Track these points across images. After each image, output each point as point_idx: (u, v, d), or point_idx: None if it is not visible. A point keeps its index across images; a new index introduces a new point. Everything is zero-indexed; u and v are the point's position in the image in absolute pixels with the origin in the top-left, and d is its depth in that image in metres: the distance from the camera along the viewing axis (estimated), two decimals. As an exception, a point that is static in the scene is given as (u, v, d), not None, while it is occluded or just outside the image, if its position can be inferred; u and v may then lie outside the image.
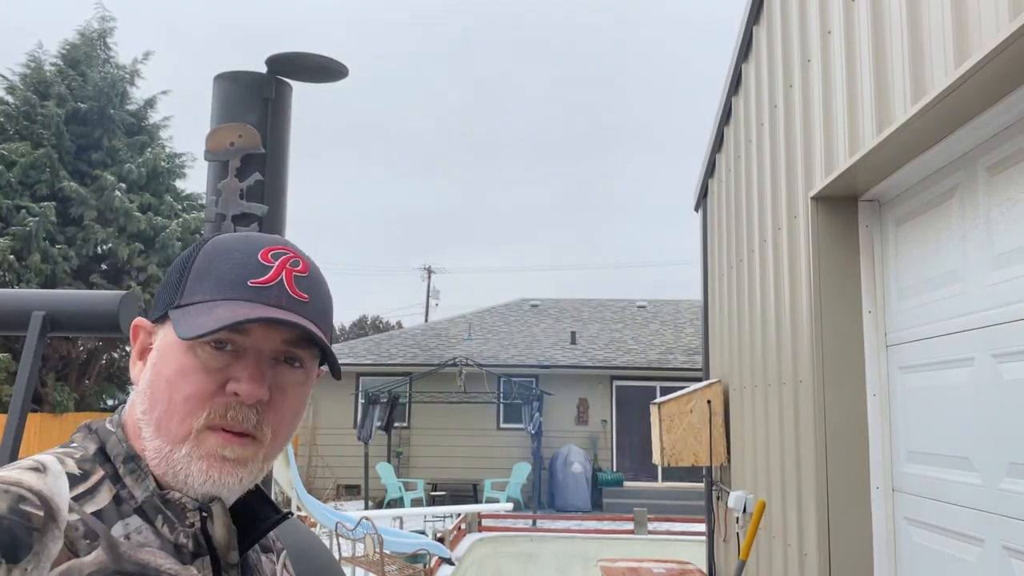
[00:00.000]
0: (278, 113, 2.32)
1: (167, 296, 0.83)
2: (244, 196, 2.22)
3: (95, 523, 0.73)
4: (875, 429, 3.22)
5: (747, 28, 4.70)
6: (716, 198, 5.82)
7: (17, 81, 14.59)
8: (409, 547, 8.00)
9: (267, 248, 0.83)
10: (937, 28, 2.32)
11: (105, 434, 0.81)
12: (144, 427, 0.79)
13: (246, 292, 0.80)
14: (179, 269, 0.84)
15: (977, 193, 2.58)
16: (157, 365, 0.80)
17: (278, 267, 0.82)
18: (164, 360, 0.80)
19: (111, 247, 14.14)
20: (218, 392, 0.78)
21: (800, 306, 3.60)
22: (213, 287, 0.80)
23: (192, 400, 0.77)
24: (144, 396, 0.80)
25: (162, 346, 0.81)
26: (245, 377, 0.78)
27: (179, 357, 0.79)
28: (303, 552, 2.04)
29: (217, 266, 0.82)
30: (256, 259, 0.82)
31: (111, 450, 0.79)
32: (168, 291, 0.83)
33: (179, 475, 0.78)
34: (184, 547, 0.78)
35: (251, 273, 0.81)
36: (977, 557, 2.55)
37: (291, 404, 0.82)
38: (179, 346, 0.79)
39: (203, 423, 0.78)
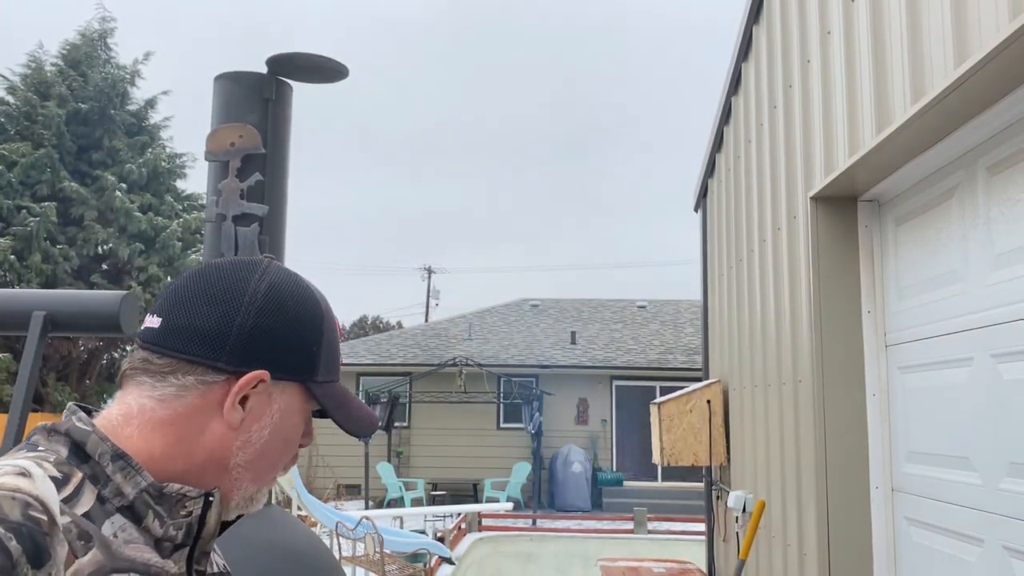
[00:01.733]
0: (278, 113, 2.32)
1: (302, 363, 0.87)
2: (244, 196, 2.22)
3: (86, 524, 0.74)
4: (875, 429, 3.22)
5: (747, 28, 4.71)
6: (716, 198, 5.83)
7: (18, 81, 14.59)
8: (409, 547, 8.00)
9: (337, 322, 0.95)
10: (937, 28, 2.32)
11: (80, 434, 0.80)
12: (243, 474, 0.85)
13: (339, 373, 0.94)
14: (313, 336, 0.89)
15: (977, 193, 2.58)
16: (280, 425, 0.86)
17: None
18: (287, 424, 0.87)
19: (112, 247, 14.15)
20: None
21: (800, 306, 3.60)
22: (332, 368, 0.91)
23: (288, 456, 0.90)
24: (253, 449, 0.85)
25: (287, 410, 0.87)
26: (311, 434, 0.92)
27: (299, 423, 0.89)
28: (304, 552, 2.05)
29: (332, 346, 0.91)
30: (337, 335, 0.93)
31: (92, 449, 0.79)
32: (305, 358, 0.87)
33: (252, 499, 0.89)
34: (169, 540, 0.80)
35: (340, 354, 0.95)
36: (977, 557, 2.56)
37: None
38: (301, 414, 0.88)
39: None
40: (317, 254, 66.12)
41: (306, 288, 0.91)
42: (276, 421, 0.86)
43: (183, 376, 0.83)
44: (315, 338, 0.88)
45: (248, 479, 0.85)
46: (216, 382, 0.83)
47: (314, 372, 0.87)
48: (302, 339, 0.87)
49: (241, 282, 0.86)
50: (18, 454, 0.78)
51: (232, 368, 0.83)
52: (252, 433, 0.84)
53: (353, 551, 8.12)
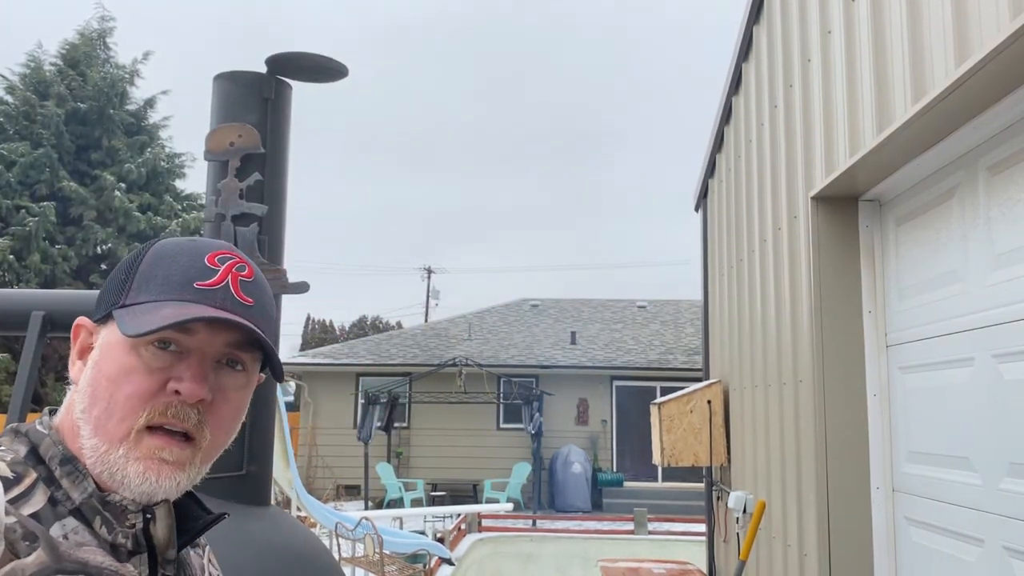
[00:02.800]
0: (278, 113, 2.32)
1: (111, 297, 0.83)
2: (244, 196, 2.21)
3: (33, 524, 0.73)
4: (875, 429, 3.22)
5: (747, 28, 4.70)
6: (716, 198, 5.82)
7: (17, 81, 14.59)
8: (409, 547, 7.99)
9: (213, 252, 0.84)
10: (937, 28, 2.31)
11: (37, 436, 0.80)
12: (83, 425, 0.79)
13: (192, 293, 0.81)
14: (124, 271, 0.85)
15: (977, 193, 2.58)
16: (99, 364, 0.80)
17: (224, 271, 0.84)
18: (106, 359, 0.80)
19: (111, 247, 14.14)
20: (159, 392, 0.79)
21: (800, 306, 3.60)
22: (159, 288, 0.81)
23: (133, 399, 0.78)
24: (84, 395, 0.80)
25: (104, 345, 0.81)
26: (188, 376, 0.79)
27: (122, 356, 0.79)
28: (303, 553, 2.04)
29: (163, 268, 0.83)
30: (202, 262, 0.83)
31: (45, 452, 0.79)
32: (112, 292, 0.84)
33: (115, 476, 0.78)
34: (122, 546, 0.79)
35: (197, 275, 0.82)
36: (977, 557, 2.55)
37: (231, 407, 0.83)
38: (122, 345, 0.79)
39: (143, 422, 0.78)
40: (317, 254, 66.13)
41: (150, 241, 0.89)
42: (96, 358, 0.81)
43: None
44: (124, 270, 0.84)
45: (88, 432, 0.79)
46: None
47: (119, 300, 0.82)
48: (113, 277, 0.86)
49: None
50: None
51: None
52: (81, 379, 0.82)
53: (353, 552, 8.12)
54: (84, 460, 0.79)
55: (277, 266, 2.26)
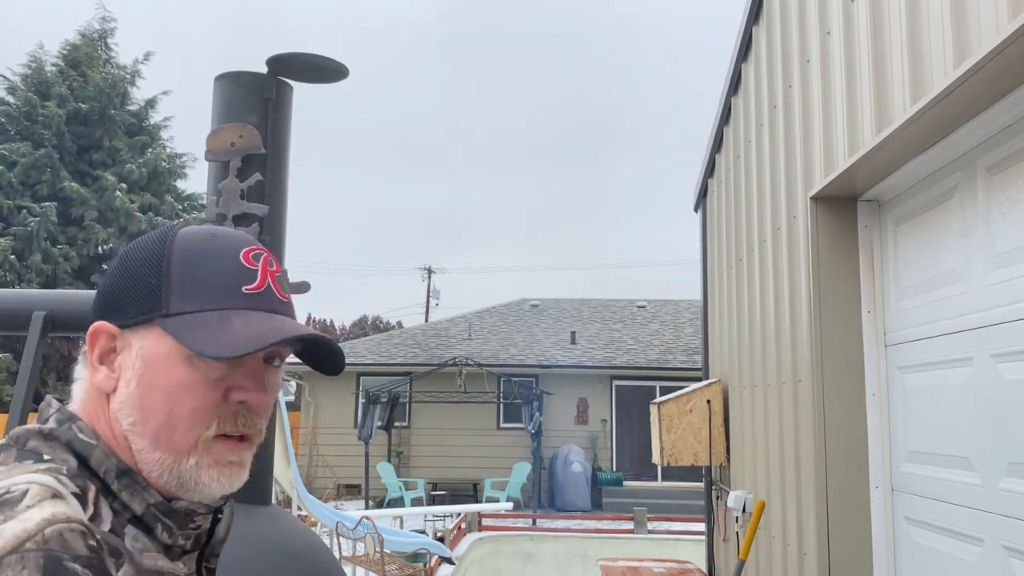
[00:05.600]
0: (279, 113, 2.32)
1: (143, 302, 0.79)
2: (245, 196, 2.22)
3: (114, 540, 0.72)
4: (874, 429, 3.22)
5: (747, 28, 4.71)
6: (716, 198, 5.83)
7: (18, 82, 14.60)
8: (409, 546, 8.00)
9: (246, 250, 0.83)
10: (936, 28, 2.32)
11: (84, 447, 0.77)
12: (136, 439, 0.77)
13: (243, 300, 0.80)
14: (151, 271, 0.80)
15: (977, 193, 2.59)
16: (147, 376, 0.77)
17: (263, 270, 0.82)
18: (156, 372, 0.77)
19: (112, 247, 14.14)
20: (222, 402, 0.78)
21: (799, 306, 3.60)
22: (207, 295, 0.79)
23: (199, 413, 0.77)
24: (132, 408, 0.78)
25: (149, 357, 0.78)
26: (252, 387, 0.79)
27: (176, 369, 0.77)
28: (304, 552, 2.05)
29: (202, 270, 0.80)
30: (240, 262, 0.81)
31: (97, 465, 0.76)
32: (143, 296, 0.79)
33: (187, 484, 0.77)
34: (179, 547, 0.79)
35: (241, 279, 0.80)
36: (977, 557, 2.56)
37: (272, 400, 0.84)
38: (175, 357, 0.77)
39: (212, 433, 0.77)
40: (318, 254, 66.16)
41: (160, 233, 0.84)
42: (139, 370, 0.78)
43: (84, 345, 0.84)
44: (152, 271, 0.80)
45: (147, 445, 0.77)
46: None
47: (160, 306, 0.78)
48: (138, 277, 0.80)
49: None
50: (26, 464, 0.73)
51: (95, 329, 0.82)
52: (121, 391, 0.79)
53: (353, 551, 8.12)
54: (144, 472, 0.78)
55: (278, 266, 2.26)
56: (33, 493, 0.67)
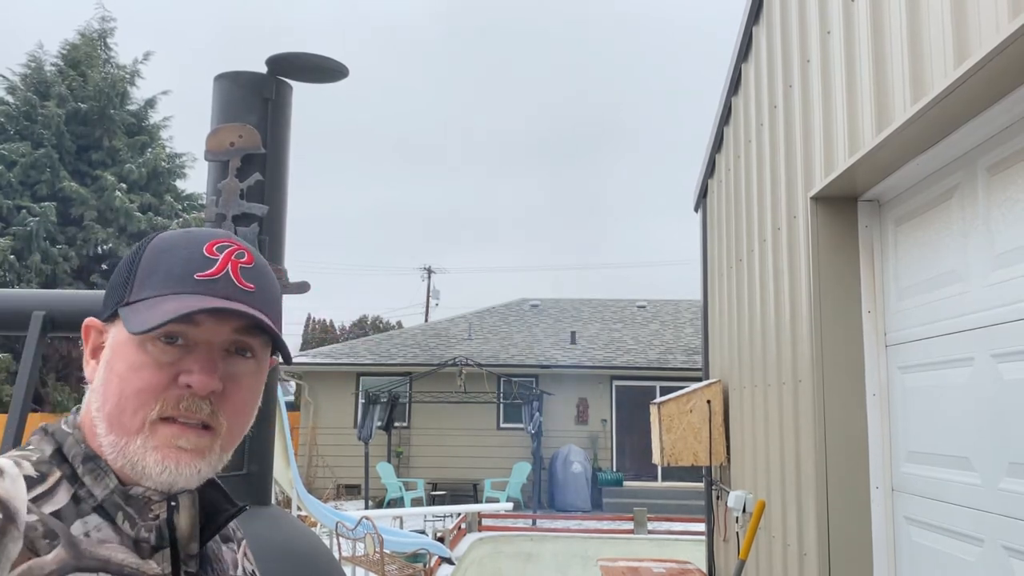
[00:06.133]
0: (278, 113, 2.32)
1: (115, 295, 0.84)
2: (244, 196, 2.22)
3: (54, 523, 0.75)
4: (875, 429, 3.22)
5: (747, 28, 4.71)
6: (716, 198, 5.83)
7: (18, 81, 14.60)
8: (409, 547, 8.00)
9: (211, 242, 0.85)
10: (937, 28, 2.32)
11: (62, 435, 0.82)
12: (99, 423, 0.80)
13: (193, 285, 0.81)
14: (126, 268, 0.85)
15: (977, 193, 2.58)
16: (110, 362, 0.82)
17: (223, 259, 0.84)
18: (116, 357, 0.81)
19: (111, 247, 14.14)
20: (170, 385, 0.79)
21: (800, 306, 3.60)
22: (160, 283, 0.82)
23: (144, 393, 0.79)
24: (97, 393, 0.82)
25: (114, 344, 0.82)
26: (197, 369, 0.79)
27: (131, 353, 0.80)
28: (304, 552, 2.05)
29: (163, 262, 0.83)
30: (201, 253, 0.83)
31: (68, 451, 0.81)
32: (116, 290, 0.84)
33: (136, 467, 0.79)
34: (145, 542, 0.79)
35: (197, 267, 0.82)
36: (977, 557, 2.56)
37: (245, 394, 0.84)
38: (130, 343, 0.80)
39: (156, 415, 0.79)
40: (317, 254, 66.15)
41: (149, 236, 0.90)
42: (107, 358, 0.82)
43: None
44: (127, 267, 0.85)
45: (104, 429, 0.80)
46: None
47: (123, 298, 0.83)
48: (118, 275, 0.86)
49: None
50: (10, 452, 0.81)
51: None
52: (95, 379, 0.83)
53: (353, 551, 8.12)
54: (104, 456, 0.80)
55: (278, 266, 2.26)
56: None
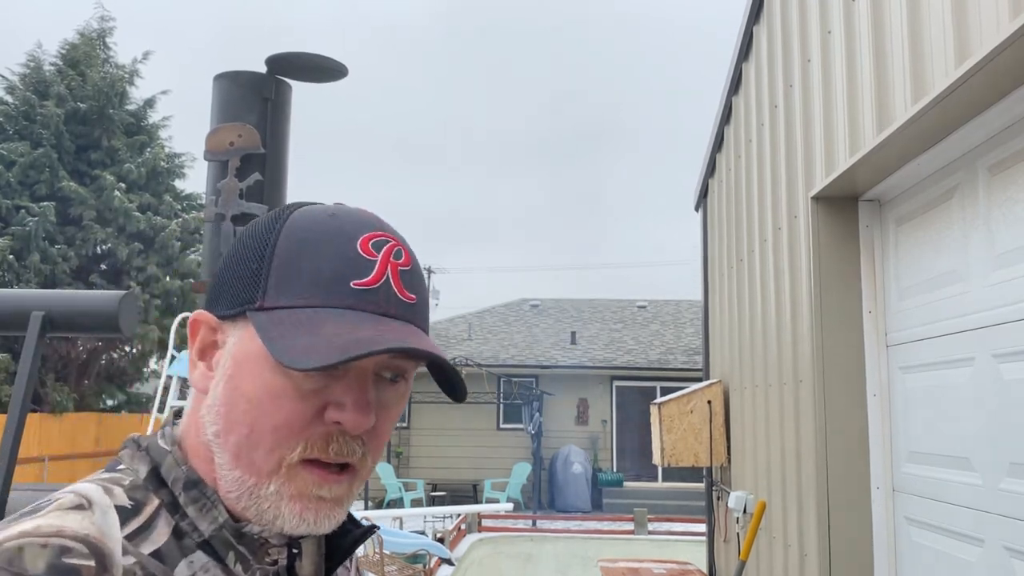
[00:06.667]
0: (278, 113, 2.31)
1: (242, 289, 0.66)
2: (244, 196, 2.21)
3: (155, 566, 0.61)
4: (875, 429, 3.21)
5: (747, 28, 4.70)
6: (716, 198, 5.82)
7: (16, 81, 14.59)
8: (409, 547, 7.99)
9: (365, 235, 0.67)
10: (938, 28, 2.31)
11: (159, 453, 0.67)
12: (218, 452, 0.65)
13: (349, 297, 0.65)
14: (255, 254, 0.67)
15: (978, 193, 2.58)
16: (234, 379, 0.65)
17: (382, 261, 0.67)
18: (244, 374, 0.64)
19: (110, 247, 14.13)
20: (315, 419, 0.64)
21: (800, 306, 3.59)
22: (307, 287, 0.64)
23: (283, 429, 0.63)
24: (216, 415, 0.65)
25: (240, 355, 0.65)
26: (350, 403, 0.64)
27: (265, 374, 0.63)
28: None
29: (309, 258, 0.65)
30: (356, 250, 0.66)
31: (167, 473, 0.66)
32: (243, 283, 0.66)
33: (266, 514, 0.64)
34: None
35: (352, 270, 0.65)
36: (977, 557, 2.55)
37: (391, 423, 0.70)
38: (263, 360, 0.63)
39: (297, 457, 0.63)
40: (317, 254, 65.91)
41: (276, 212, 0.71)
42: (229, 370, 0.65)
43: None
44: (255, 255, 0.67)
45: (228, 461, 0.64)
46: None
47: (255, 297, 0.65)
48: (242, 261, 0.67)
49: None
50: (98, 474, 0.67)
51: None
52: (211, 393, 0.67)
53: (353, 551, 8.11)
54: (220, 488, 0.65)
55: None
56: (56, 503, 0.60)
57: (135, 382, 15.82)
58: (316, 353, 0.59)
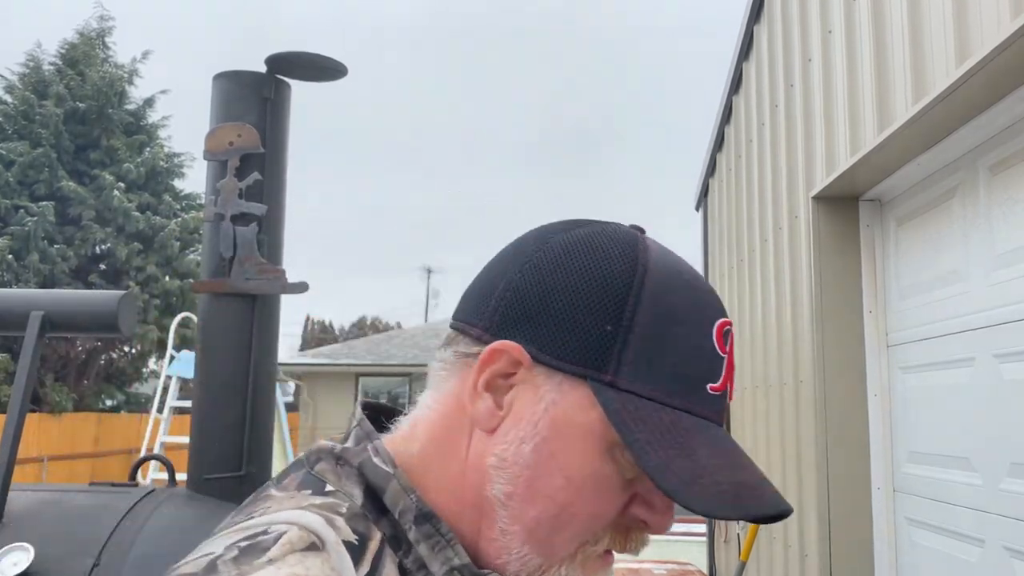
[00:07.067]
0: (277, 112, 2.31)
1: (582, 345, 0.56)
2: (243, 195, 2.21)
3: None
4: (876, 429, 3.21)
5: (748, 27, 4.70)
6: (717, 197, 5.82)
7: (16, 81, 14.59)
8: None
9: (720, 322, 0.58)
10: (938, 27, 2.31)
11: (378, 475, 0.58)
12: (502, 516, 0.57)
13: (706, 404, 0.57)
14: (608, 309, 0.56)
15: (978, 193, 2.58)
16: (550, 445, 0.56)
17: (728, 361, 0.59)
18: (567, 448, 0.56)
19: (110, 247, 14.13)
20: (624, 513, 0.58)
21: (801, 306, 3.59)
22: (670, 380, 0.55)
23: (598, 520, 0.57)
24: (514, 477, 0.56)
25: (562, 422, 0.56)
26: (661, 506, 0.58)
27: (594, 458, 0.56)
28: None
29: (673, 341, 0.56)
30: (712, 343, 0.57)
31: (391, 502, 0.57)
32: (584, 337, 0.55)
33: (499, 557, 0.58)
34: None
35: (709, 370, 0.57)
36: (978, 557, 2.55)
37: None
38: (598, 440, 0.55)
39: (600, 548, 0.58)
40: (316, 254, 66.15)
41: (627, 248, 0.59)
42: (543, 432, 0.56)
43: (446, 348, 0.62)
44: (608, 308, 0.55)
45: (518, 531, 0.56)
46: (472, 354, 0.59)
47: (605, 366, 0.55)
48: (583, 305, 0.56)
49: (537, 237, 0.62)
50: (304, 498, 0.57)
51: (487, 337, 0.58)
52: (508, 445, 0.57)
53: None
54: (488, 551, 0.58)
55: (277, 266, 2.25)
56: (285, 540, 0.51)
57: (134, 382, 15.82)
58: (704, 493, 0.52)
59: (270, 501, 0.57)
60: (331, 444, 0.61)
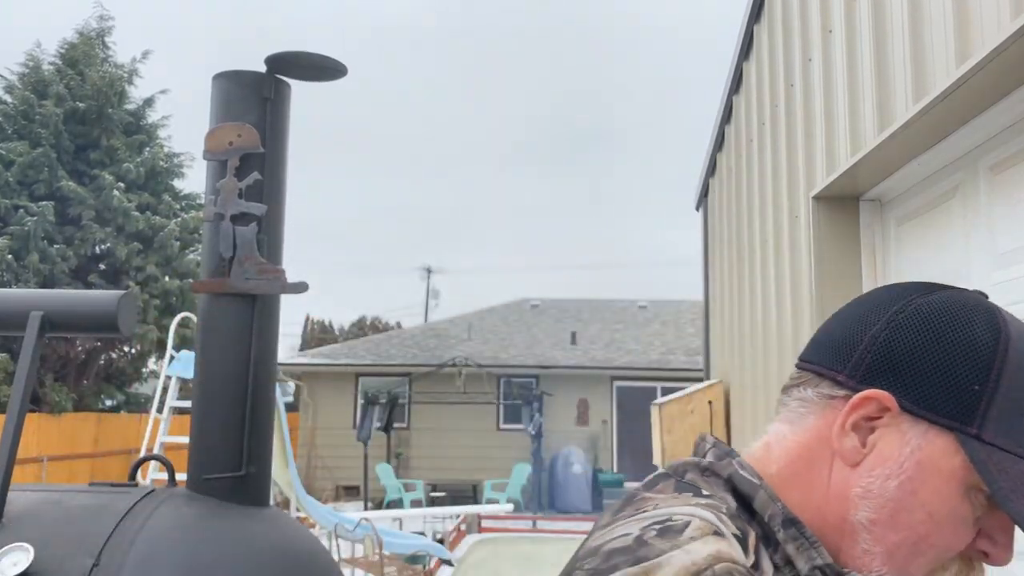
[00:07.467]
0: (277, 112, 2.31)
1: (949, 400, 0.66)
2: (243, 196, 2.21)
3: None
4: (876, 429, 3.21)
5: (748, 27, 4.70)
6: (717, 197, 5.82)
7: (15, 80, 14.59)
8: (408, 548, 7.99)
9: None
10: (939, 27, 2.31)
11: (747, 486, 0.69)
12: (865, 539, 0.67)
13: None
14: (975, 368, 0.65)
15: (979, 193, 2.58)
16: (914, 484, 0.66)
17: None
18: (930, 488, 0.66)
19: (109, 247, 14.13)
20: (970, 545, 0.68)
21: (801, 306, 3.59)
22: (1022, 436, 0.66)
23: (951, 552, 0.67)
24: (879, 507, 0.67)
25: (927, 464, 0.66)
26: (1004, 542, 0.68)
27: (955, 499, 0.66)
28: (302, 554, 2.04)
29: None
30: None
31: (761, 507, 0.68)
32: (951, 393, 0.66)
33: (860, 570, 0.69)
34: None
35: None
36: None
37: None
38: (956, 483, 0.65)
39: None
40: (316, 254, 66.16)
41: (990, 320, 0.68)
42: (908, 472, 0.66)
43: (805, 389, 0.73)
44: (974, 370, 0.65)
45: (879, 553, 0.67)
46: (837, 397, 0.70)
47: (971, 421, 0.65)
48: (952, 367, 0.66)
49: (897, 296, 0.71)
50: (684, 496, 0.68)
51: (853, 384, 0.69)
52: (874, 479, 0.67)
53: (352, 552, 8.11)
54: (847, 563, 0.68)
55: (277, 266, 2.25)
56: (695, 526, 0.61)
57: (134, 382, 15.82)
58: None
59: (653, 501, 0.67)
60: (695, 459, 0.73)
